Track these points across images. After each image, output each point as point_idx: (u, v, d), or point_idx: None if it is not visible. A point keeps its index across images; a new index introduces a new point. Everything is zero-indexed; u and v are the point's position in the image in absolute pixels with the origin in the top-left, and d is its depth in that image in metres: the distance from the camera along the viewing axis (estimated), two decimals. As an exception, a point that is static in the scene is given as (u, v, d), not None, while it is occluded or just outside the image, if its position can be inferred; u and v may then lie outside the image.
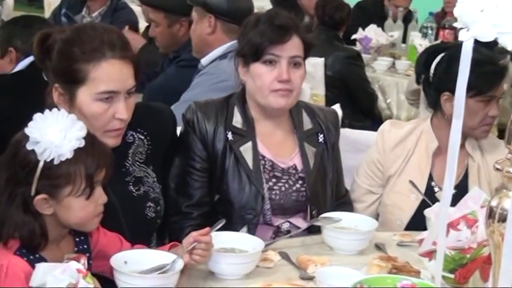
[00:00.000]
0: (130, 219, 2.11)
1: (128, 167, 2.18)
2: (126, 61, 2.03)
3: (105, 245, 1.93)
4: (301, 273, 2.01)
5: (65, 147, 1.69)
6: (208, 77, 3.14)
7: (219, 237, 2.00)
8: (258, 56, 2.34)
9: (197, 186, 2.39)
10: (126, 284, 1.77)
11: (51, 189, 1.72)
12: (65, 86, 2.03)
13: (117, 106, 2.02)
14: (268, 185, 2.38)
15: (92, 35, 2.03)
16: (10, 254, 1.71)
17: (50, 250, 1.77)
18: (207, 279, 1.95)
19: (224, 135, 2.39)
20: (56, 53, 2.02)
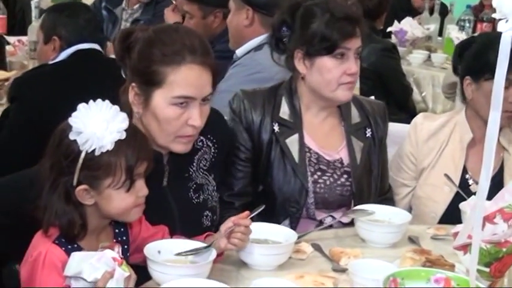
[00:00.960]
0: (187, 227, 2.08)
1: (191, 173, 2.15)
2: (205, 67, 1.98)
3: (147, 238, 1.93)
4: (334, 266, 2.00)
5: (106, 138, 1.69)
6: (242, 69, 3.13)
7: (253, 228, 1.99)
8: (331, 50, 2.29)
9: (240, 177, 2.38)
10: (159, 273, 1.78)
11: (92, 180, 1.73)
12: (142, 86, 1.99)
13: (192, 112, 1.97)
14: (313, 178, 2.36)
15: (173, 37, 1.99)
16: (49, 243, 1.73)
17: (88, 241, 1.78)
18: (240, 269, 1.95)
19: (270, 126, 2.37)
20: (136, 52, 1.99)
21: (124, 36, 2.04)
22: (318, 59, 2.31)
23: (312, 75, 2.35)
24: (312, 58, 2.32)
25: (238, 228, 1.88)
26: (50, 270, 1.69)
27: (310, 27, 2.30)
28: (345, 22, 2.28)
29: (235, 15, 3.29)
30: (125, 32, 2.05)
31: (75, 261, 1.66)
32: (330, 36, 2.28)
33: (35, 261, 1.71)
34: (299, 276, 1.86)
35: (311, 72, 2.34)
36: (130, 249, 1.88)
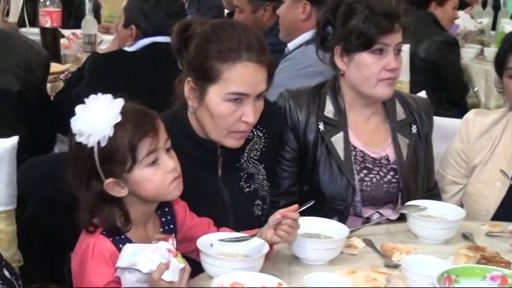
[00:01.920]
0: (239, 216, 2.11)
1: (242, 162, 2.17)
2: (261, 65, 1.99)
3: (192, 228, 1.95)
4: (386, 261, 1.99)
5: (103, 126, 1.69)
6: (293, 62, 3.13)
7: (305, 223, 1.99)
8: (368, 46, 2.28)
9: (285, 176, 2.39)
10: (212, 266, 1.79)
11: (113, 170, 1.73)
12: (197, 81, 2.00)
13: (245, 109, 1.99)
14: (359, 176, 2.35)
15: (230, 33, 1.99)
16: (97, 234, 1.76)
17: (136, 231, 1.80)
18: (292, 264, 1.95)
19: (316, 125, 2.37)
20: (193, 47, 2.00)
21: (182, 28, 2.05)
22: (356, 55, 2.31)
23: (351, 71, 2.34)
24: (350, 54, 2.32)
25: (286, 220, 1.88)
26: (99, 261, 1.71)
27: (349, 24, 2.29)
28: (383, 17, 2.27)
29: (291, 8, 3.28)
30: (183, 24, 2.06)
31: (129, 253, 1.68)
32: (366, 32, 2.27)
33: (84, 253, 1.73)
34: (351, 272, 1.86)
35: (350, 68, 2.34)
36: (178, 236, 1.88)
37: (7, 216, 2.37)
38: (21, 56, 2.69)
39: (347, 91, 2.40)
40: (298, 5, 3.24)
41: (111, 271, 1.70)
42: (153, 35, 2.95)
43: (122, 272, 1.70)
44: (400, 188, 2.36)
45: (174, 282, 1.63)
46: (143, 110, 1.78)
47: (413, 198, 2.31)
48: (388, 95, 2.36)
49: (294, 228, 1.89)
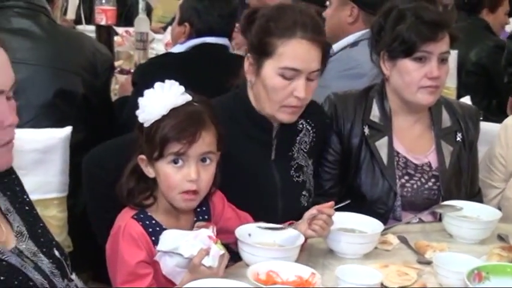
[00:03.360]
0: (287, 202, 2.19)
1: (293, 152, 2.26)
2: (315, 43, 2.09)
3: (230, 219, 2.02)
4: (419, 258, 2.04)
5: (153, 112, 1.80)
6: (337, 64, 3.16)
7: (341, 218, 2.07)
8: (409, 53, 2.33)
9: (327, 178, 2.44)
10: (249, 254, 1.87)
11: (147, 151, 1.84)
12: (255, 56, 2.13)
13: (297, 84, 2.08)
14: (401, 182, 2.39)
15: (288, 13, 2.11)
16: (128, 217, 1.86)
17: (167, 218, 1.88)
18: (327, 256, 2.02)
19: (361, 129, 2.42)
20: (255, 26, 2.14)
21: (250, 12, 2.19)
22: (399, 61, 2.36)
23: (394, 77, 2.39)
24: (394, 60, 2.37)
25: (321, 215, 1.95)
26: (129, 243, 1.81)
27: (396, 30, 2.34)
28: (428, 26, 2.31)
29: (338, 10, 3.33)
30: (251, 10, 2.21)
31: (170, 238, 1.78)
32: (408, 39, 2.32)
33: (116, 234, 1.84)
34: (383, 266, 1.92)
35: (393, 74, 2.39)
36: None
37: (59, 203, 2.50)
38: (88, 59, 2.77)
39: (392, 96, 2.45)
40: (345, 8, 3.29)
41: (141, 252, 1.80)
42: (204, 34, 3.01)
43: (162, 256, 1.79)
44: (442, 195, 2.39)
45: (214, 267, 1.72)
46: (195, 116, 1.83)
47: (454, 205, 2.34)
48: (430, 102, 2.39)
49: (328, 224, 1.97)
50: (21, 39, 2.62)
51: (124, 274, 1.82)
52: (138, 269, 1.81)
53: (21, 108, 2.47)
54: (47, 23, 2.72)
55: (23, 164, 2.34)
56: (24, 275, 1.56)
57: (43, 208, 2.44)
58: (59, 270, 1.68)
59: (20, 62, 2.57)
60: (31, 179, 2.36)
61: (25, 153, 2.37)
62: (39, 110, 2.60)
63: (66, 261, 1.74)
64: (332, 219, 1.98)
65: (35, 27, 2.67)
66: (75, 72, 2.69)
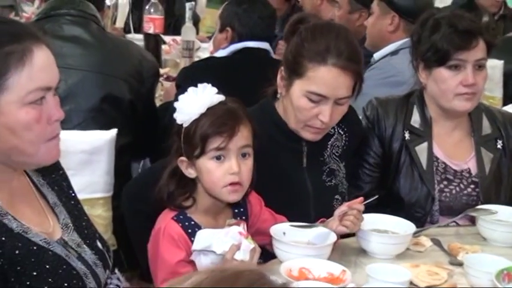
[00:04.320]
0: (319, 207, 2.24)
1: (325, 157, 2.30)
2: (346, 71, 2.09)
3: (266, 221, 2.09)
4: (451, 259, 2.07)
5: (191, 112, 1.88)
6: (377, 72, 3.23)
7: (374, 219, 2.12)
8: (443, 62, 2.36)
9: (367, 180, 2.49)
10: (283, 252, 1.94)
11: (187, 151, 1.91)
12: (287, 72, 2.17)
13: (323, 108, 2.10)
14: (439, 187, 2.42)
15: (324, 36, 2.12)
16: (168, 219, 1.94)
17: (205, 218, 1.96)
18: (359, 256, 2.07)
19: (402, 134, 2.46)
20: (293, 42, 2.18)
21: (296, 20, 2.24)
22: (434, 70, 2.39)
23: (430, 85, 2.43)
24: (429, 68, 2.41)
25: (352, 211, 2.01)
26: (169, 243, 1.89)
27: (431, 39, 2.38)
28: (460, 35, 2.34)
29: (379, 19, 3.38)
30: (299, 16, 2.26)
31: (204, 237, 1.85)
32: (441, 48, 2.35)
33: (156, 234, 1.92)
34: (414, 265, 1.96)
35: (429, 82, 2.43)
36: (252, 230, 2.02)
37: (104, 202, 2.60)
38: (134, 66, 2.85)
39: (430, 103, 2.49)
40: (386, 17, 3.34)
41: (180, 252, 1.88)
42: (246, 39, 3.09)
43: (197, 255, 1.87)
44: (481, 201, 2.41)
45: (245, 261, 1.79)
46: (233, 112, 1.92)
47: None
48: (467, 109, 2.43)
49: (358, 219, 2.02)
50: (72, 46, 2.74)
51: (164, 273, 1.90)
52: (178, 268, 1.89)
53: (71, 112, 2.65)
54: (97, 30, 2.83)
55: (71, 164, 2.45)
56: (68, 264, 1.66)
57: (89, 207, 2.54)
58: (101, 261, 1.77)
59: (71, 68, 2.70)
60: (78, 179, 2.47)
61: (73, 154, 2.48)
62: (87, 114, 2.70)
63: (108, 253, 1.83)
64: (362, 216, 2.03)
65: (86, 35, 2.78)
66: (122, 78, 2.78)
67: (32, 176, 1.76)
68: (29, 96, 1.56)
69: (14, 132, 1.57)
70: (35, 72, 1.55)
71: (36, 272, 1.59)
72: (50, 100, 1.60)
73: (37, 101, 1.57)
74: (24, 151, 1.60)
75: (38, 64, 1.56)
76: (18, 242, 1.59)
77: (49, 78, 1.60)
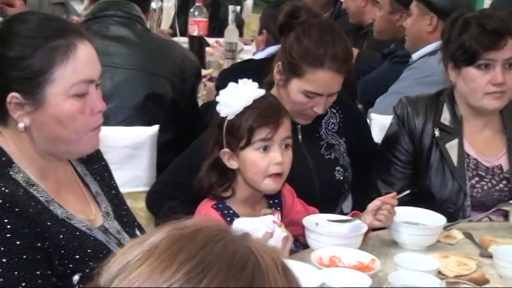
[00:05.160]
0: (322, 178, 2.39)
1: (321, 133, 2.46)
2: (340, 73, 2.27)
3: (299, 212, 2.16)
4: (482, 252, 2.11)
5: (236, 105, 1.96)
6: (415, 71, 3.27)
7: (406, 212, 2.18)
8: (471, 61, 2.40)
9: (400, 177, 2.54)
10: (315, 241, 2.01)
11: (231, 143, 2.00)
12: (285, 69, 2.31)
13: (318, 102, 2.29)
14: (471, 183, 2.45)
15: (322, 40, 2.26)
16: (208, 207, 2.03)
17: (243, 208, 2.05)
18: (390, 247, 2.13)
19: (432, 131, 2.51)
20: (290, 38, 2.30)
21: (290, 12, 2.32)
22: (463, 69, 2.43)
23: (460, 84, 2.47)
24: (459, 68, 2.44)
25: (385, 206, 2.08)
26: None
27: (460, 38, 2.42)
28: (489, 35, 2.37)
29: (418, 20, 3.42)
30: (292, 8, 2.33)
31: (239, 224, 1.92)
32: (470, 48, 2.39)
33: None
34: (444, 256, 2.01)
35: (459, 81, 2.47)
36: (285, 220, 2.08)
37: (147, 196, 2.70)
38: (177, 65, 2.94)
39: (460, 102, 2.52)
40: (425, 18, 3.37)
41: None
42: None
43: None
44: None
45: (278, 248, 1.86)
46: (276, 105, 2.04)
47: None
48: (496, 107, 2.46)
49: (391, 213, 2.09)
50: (118, 46, 2.85)
51: None
52: None
53: (116, 108, 2.76)
54: (142, 31, 2.93)
55: (115, 159, 2.56)
56: (108, 250, 1.75)
57: (132, 200, 2.64)
58: (140, 248, 1.86)
59: (116, 67, 2.80)
60: (122, 173, 2.58)
61: (118, 149, 2.59)
62: (131, 111, 2.80)
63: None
64: (395, 210, 2.09)
65: (131, 35, 2.88)
66: (165, 77, 2.88)
67: (76, 166, 1.87)
68: (73, 88, 1.66)
69: (60, 122, 1.67)
70: (78, 65, 1.65)
71: (79, 255, 1.68)
72: (92, 92, 1.70)
73: (81, 93, 1.67)
74: (69, 140, 1.70)
75: (81, 58, 1.66)
76: (62, 227, 1.68)
77: (92, 71, 1.70)
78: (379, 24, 4.05)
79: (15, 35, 1.66)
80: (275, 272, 0.82)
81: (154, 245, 0.83)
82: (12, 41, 1.66)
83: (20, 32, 1.66)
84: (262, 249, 0.85)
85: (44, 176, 1.73)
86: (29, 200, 1.65)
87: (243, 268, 0.81)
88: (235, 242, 0.84)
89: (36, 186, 1.69)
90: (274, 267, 0.83)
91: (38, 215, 1.63)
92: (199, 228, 0.85)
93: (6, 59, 1.65)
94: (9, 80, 1.65)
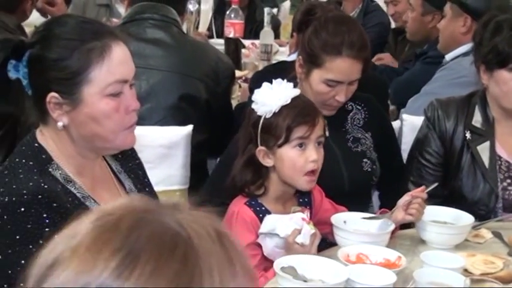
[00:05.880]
0: (350, 169, 2.47)
1: (347, 128, 2.54)
2: (358, 60, 2.36)
3: (328, 211, 2.20)
4: (510, 251, 2.13)
5: (274, 104, 2.02)
6: (448, 72, 3.28)
7: (434, 211, 2.21)
8: (503, 64, 2.41)
9: (431, 180, 2.54)
10: (343, 238, 2.05)
11: (267, 141, 2.05)
12: (306, 61, 2.42)
13: (339, 90, 2.39)
14: (503, 185, 2.46)
15: (338, 30, 2.37)
16: (241, 204, 2.08)
17: (275, 205, 2.09)
18: (417, 245, 2.15)
19: (463, 133, 2.52)
20: (308, 32, 2.41)
21: (306, 10, 2.48)
22: (495, 72, 2.44)
23: (491, 86, 2.48)
24: (491, 70, 2.45)
25: (416, 200, 2.12)
26: (241, 226, 2.03)
27: (492, 41, 2.43)
28: None
29: (452, 21, 3.43)
30: (308, 6, 2.49)
31: (270, 221, 1.99)
32: (503, 51, 2.40)
33: (230, 218, 2.06)
34: (471, 255, 2.03)
35: (491, 83, 2.47)
36: (314, 219, 2.13)
37: (181, 194, 2.77)
38: (211, 67, 3.00)
39: (492, 103, 2.53)
40: (459, 19, 3.39)
41: (251, 236, 2.01)
42: None
43: (263, 238, 2.00)
44: None
45: (306, 245, 1.91)
46: (311, 105, 2.12)
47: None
48: None
49: (422, 207, 2.13)
50: (154, 48, 2.92)
51: None
52: (247, 250, 2.00)
53: (152, 109, 2.83)
54: (177, 33, 3.00)
55: (150, 158, 2.63)
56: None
57: (167, 199, 2.72)
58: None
59: (153, 68, 2.88)
60: (157, 171, 2.66)
61: (153, 148, 2.67)
62: (167, 112, 2.87)
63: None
64: (424, 204, 2.13)
65: (166, 37, 2.95)
66: (199, 78, 2.94)
67: (111, 164, 1.94)
68: (109, 88, 1.73)
69: (96, 120, 1.74)
70: (113, 66, 1.72)
71: (112, 249, 1.75)
72: (127, 92, 1.77)
73: (115, 93, 1.74)
74: (105, 138, 1.77)
75: (116, 59, 1.73)
76: (97, 223, 1.75)
77: (126, 71, 1.76)
78: (412, 26, 4.08)
79: (54, 38, 1.74)
80: (208, 241, 0.79)
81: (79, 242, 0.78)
82: (51, 43, 1.73)
83: (58, 35, 1.74)
84: (192, 220, 0.80)
85: (81, 173, 1.80)
86: (66, 196, 1.73)
87: (174, 248, 0.76)
88: (163, 222, 0.79)
89: (73, 183, 1.77)
90: (207, 236, 0.79)
91: (74, 211, 1.71)
92: (122, 215, 0.80)
93: (46, 61, 1.73)
94: (49, 81, 1.73)
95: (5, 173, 1.74)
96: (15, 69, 1.76)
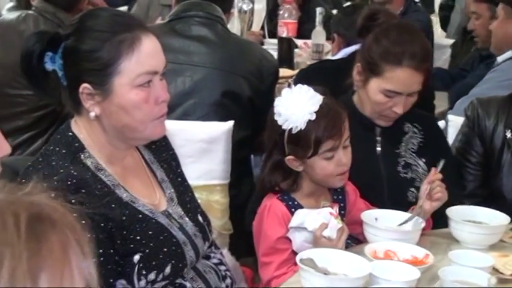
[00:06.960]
0: (393, 195, 2.34)
1: (400, 151, 2.41)
2: (419, 71, 2.28)
3: (361, 210, 2.18)
4: (546, 253, 2.08)
5: (299, 119, 2.00)
6: (498, 74, 3.23)
7: (469, 211, 2.17)
8: None
9: (471, 179, 2.54)
10: (372, 235, 2.04)
11: (296, 152, 2.05)
12: (364, 69, 2.34)
13: (397, 102, 2.31)
14: None
15: (400, 39, 2.30)
16: (274, 198, 2.10)
17: (308, 201, 2.11)
18: (451, 244, 2.12)
19: (503, 133, 2.49)
20: (370, 38, 2.34)
21: (369, 15, 2.40)
22: None
23: None
24: None
25: (434, 184, 2.10)
26: (273, 219, 2.04)
27: None
28: None
29: (504, 23, 3.38)
30: (371, 11, 2.41)
31: (299, 215, 2.00)
32: None
33: (262, 212, 2.08)
34: (503, 255, 1.99)
35: None
36: (347, 217, 2.14)
37: (222, 189, 2.79)
38: (255, 65, 3.02)
39: None
40: (511, 21, 3.33)
41: (281, 229, 2.03)
42: (352, 42, 3.15)
43: (292, 232, 2.01)
44: None
45: (333, 239, 1.92)
46: (336, 111, 2.06)
47: None
48: None
49: (443, 187, 2.12)
50: (198, 45, 2.96)
51: (265, 248, 2.07)
52: (277, 244, 2.05)
53: (195, 105, 2.88)
54: (222, 31, 3.03)
55: (192, 152, 2.68)
56: (169, 233, 1.85)
57: (208, 193, 2.76)
58: (201, 233, 1.95)
59: (197, 65, 2.92)
60: (198, 166, 2.70)
61: (194, 143, 2.70)
62: (210, 108, 2.90)
63: (209, 227, 2.01)
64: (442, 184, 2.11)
65: (211, 35, 2.99)
66: (242, 76, 2.96)
67: (144, 154, 1.98)
68: (138, 79, 1.77)
69: (126, 111, 1.78)
70: (143, 57, 1.76)
71: (140, 236, 1.79)
72: (156, 83, 1.80)
73: (145, 84, 1.78)
74: (135, 128, 1.81)
75: (146, 51, 1.77)
76: (126, 210, 1.80)
77: (155, 63, 1.80)
78: (481, 34, 3.93)
79: (87, 30, 1.79)
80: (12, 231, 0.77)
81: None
82: (84, 35, 1.78)
83: (91, 27, 1.79)
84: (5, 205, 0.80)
85: (112, 162, 1.85)
86: (96, 183, 1.77)
87: None
88: None
89: (104, 171, 1.81)
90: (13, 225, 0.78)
91: (103, 198, 1.75)
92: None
93: (79, 52, 1.78)
94: (82, 72, 1.78)
95: (39, 160, 1.81)
96: (52, 61, 1.82)
